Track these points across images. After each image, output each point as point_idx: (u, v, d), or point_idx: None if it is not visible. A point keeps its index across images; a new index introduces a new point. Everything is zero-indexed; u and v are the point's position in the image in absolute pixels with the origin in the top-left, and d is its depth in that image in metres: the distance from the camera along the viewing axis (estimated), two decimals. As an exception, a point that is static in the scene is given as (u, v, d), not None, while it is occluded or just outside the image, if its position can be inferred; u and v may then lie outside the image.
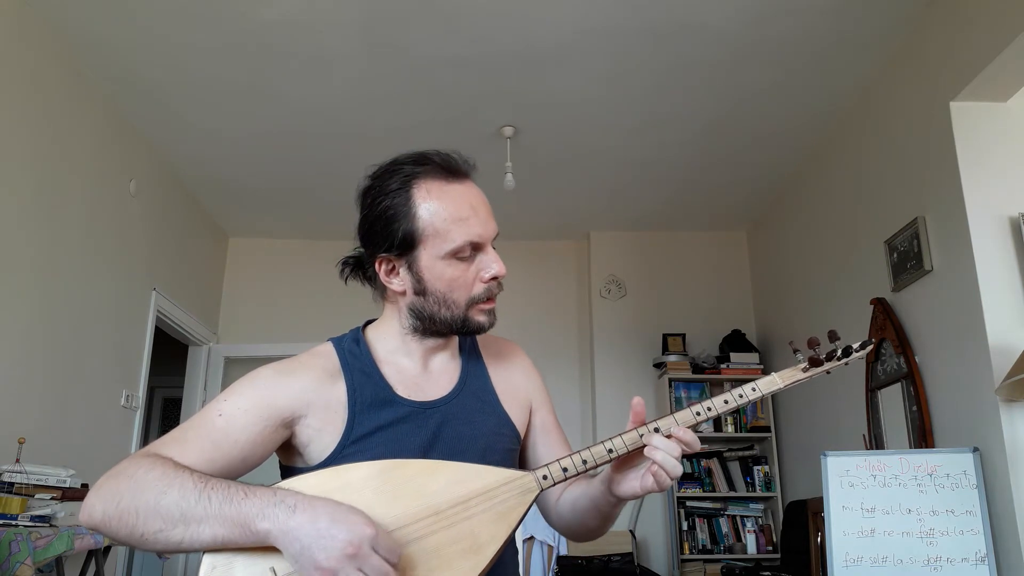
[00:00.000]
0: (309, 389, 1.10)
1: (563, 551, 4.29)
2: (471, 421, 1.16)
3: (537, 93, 3.66)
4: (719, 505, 4.75)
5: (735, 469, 4.83)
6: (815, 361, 1.12)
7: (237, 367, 5.06)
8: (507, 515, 1.02)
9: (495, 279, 1.14)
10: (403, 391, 1.14)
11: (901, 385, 3.22)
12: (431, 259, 1.11)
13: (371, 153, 4.80)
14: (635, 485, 1.05)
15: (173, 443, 1.03)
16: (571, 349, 5.33)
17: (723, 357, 4.89)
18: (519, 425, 1.23)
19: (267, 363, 1.14)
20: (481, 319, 1.14)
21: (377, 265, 1.15)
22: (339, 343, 1.19)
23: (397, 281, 1.15)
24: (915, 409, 3.08)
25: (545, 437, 1.26)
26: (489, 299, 1.14)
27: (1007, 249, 2.75)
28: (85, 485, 2.66)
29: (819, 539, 3.31)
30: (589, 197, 4.86)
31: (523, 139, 4.07)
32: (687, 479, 4.73)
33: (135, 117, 3.84)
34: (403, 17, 3.11)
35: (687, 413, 1.08)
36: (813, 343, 1.13)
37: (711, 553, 4.60)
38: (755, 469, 4.76)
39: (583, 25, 3.17)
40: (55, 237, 3.24)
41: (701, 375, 4.82)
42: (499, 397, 1.22)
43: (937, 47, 2.99)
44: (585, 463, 1.05)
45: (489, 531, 1.01)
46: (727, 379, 4.83)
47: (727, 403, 1.09)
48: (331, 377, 1.13)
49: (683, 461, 1.06)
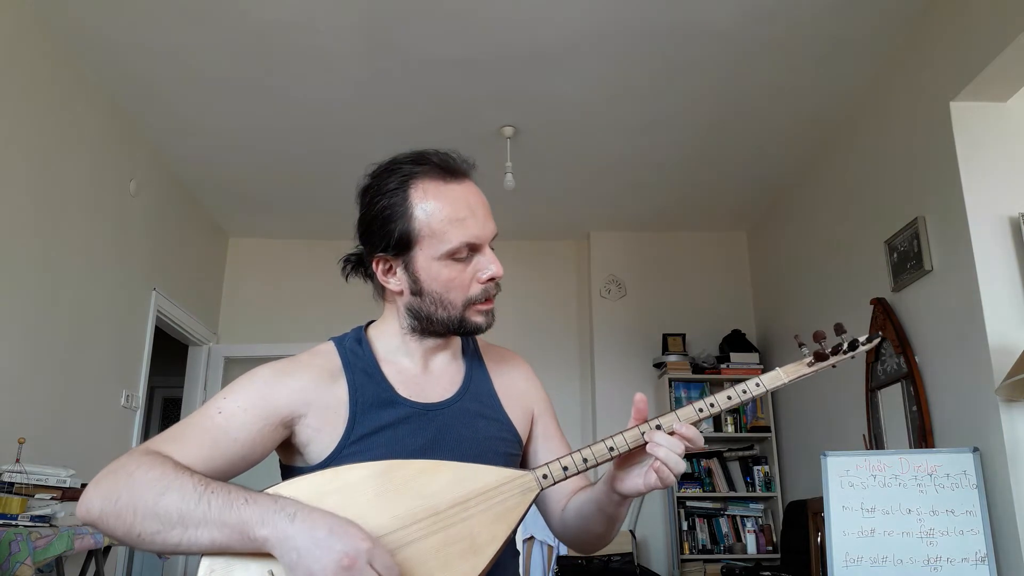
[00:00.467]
0: (309, 388, 1.10)
1: (563, 551, 4.29)
2: (473, 425, 1.15)
3: (537, 93, 3.66)
4: (719, 505, 4.75)
5: (735, 469, 4.83)
6: (820, 356, 1.10)
7: (237, 367, 5.06)
8: (507, 515, 1.02)
9: (492, 280, 1.13)
10: (404, 391, 1.14)
11: (901, 385, 3.22)
12: (427, 260, 1.10)
13: (371, 153, 4.78)
14: (638, 482, 1.05)
15: (172, 440, 1.02)
16: (571, 349, 5.33)
17: (723, 357, 4.89)
18: (521, 430, 1.22)
19: (260, 364, 1.13)
20: (478, 320, 1.14)
21: (375, 264, 1.15)
22: (340, 342, 1.18)
23: (394, 281, 1.14)
24: (915, 409, 3.08)
25: (547, 444, 1.25)
26: (487, 300, 1.14)
27: (1007, 249, 2.75)
28: (85, 485, 2.65)
29: (819, 539, 3.31)
30: (589, 197, 4.86)
31: (523, 139, 4.07)
32: (687, 479, 4.73)
33: (135, 117, 3.84)
34: (403, 17, 3.11)
35: (690, 409, 1.07)
36: (819, 336, 1.11)
37: (711, 553, 4.60)
38: (755, 469, 4.76)
39: (583, 25, 3.17)
40: (55, 237, 3.24)
41: (701, 375, 4.82)
42: (501, 402, 1.22)
43: (937, 47, 2.99)
44: (586, 461, 1.04)
45: (489, 532, 1.00)
46: (727, 379, 4.82)
47: (730, 399, 1.08)
48: (331, 376, 1.12)
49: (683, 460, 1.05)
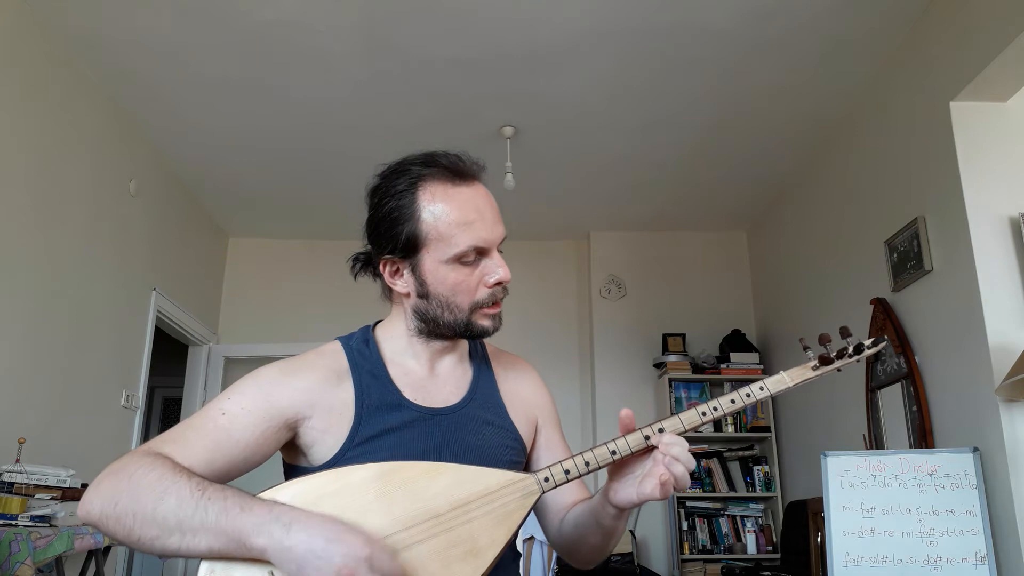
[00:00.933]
0: (314, 390, 1.09)
1: (563, 551, 4.29)
2: (478, 432, 1.14)
3: (537, 93, 3.66)
4: (719, 505, 4.75)
5: (735, 469, 4.83)
6: (825, 359, 1.09)
7: (237, 367, 5.06)
8: (507, 518, 1.01)
9: (500, 284, 1.12)
10: (410, 394, 1.13)
11: (901, 385, 3.22)
12: (434, 263, 1.09)
13: (371, 153, 4.81)
14: (631, 493, 1.03)
15: (174, 441, 1.02)
16: (571, 349, 5.33)
17: (723, 357, 4.89)
18: (526, 438, 1.22)
19: (267, 363, 1.12)
20: (485, 323, 1.13)
21: (382, 266, 1.14)
22: (347, 342, 1.17)
23: (401, 283, 1.13)
24: (915, 409, 3.08)
25: (550, 454, 1.24)
26: (494, 304, 1.13)
27: (1007, 249, 2.75)
28: (85, 485, 2.66)
29: (819, 539, 3.31)
30: (589, 197, 4.86)
31: (523, 139, 4.07)
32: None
33: (135, 117, 3.84)
34: (403, 17, 3.11)
35: (693, 413, 1.06)
36: (824, 340, 1.10)
37: (711, 553, 4.60)
38: (755, 469, 4.76)
39: (583, 25, 3.17)
40: (55, 237, 3.24)
41: (701, 375, 4.82)
42: (507, 409, 1.21)
43: (937, 47, 2.99)
44: (588, 464, 1.03)
45: (489, 535, 0.99)
46: (727, 379, 4.83)
47: (734, 402, 1.07)
48: (337, 377, 1.11)
49: None
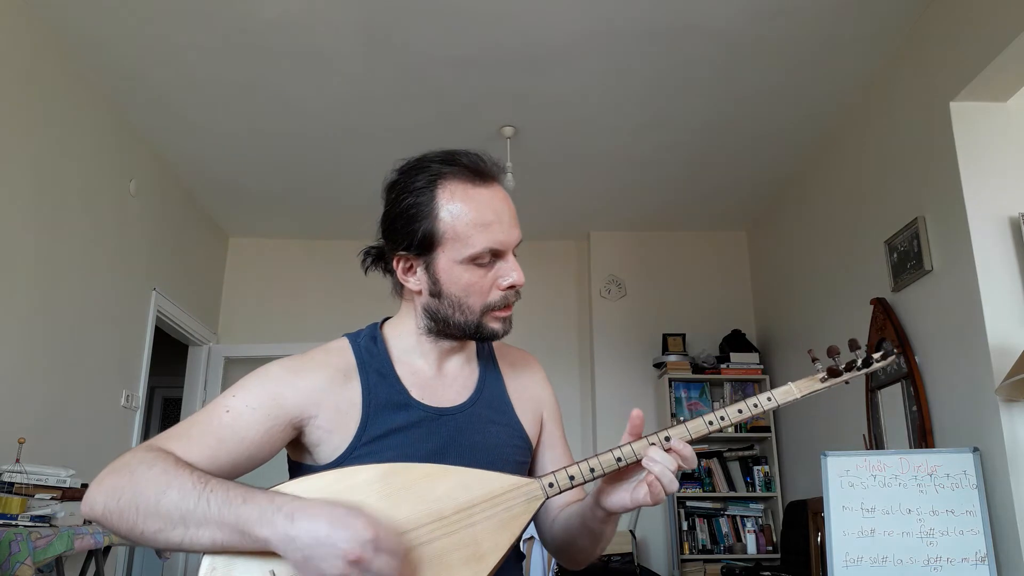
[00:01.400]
0: (320, 389, 1.08)
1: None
2: (484, 431, 1.14)
3: (537, 93, 3.66)
4: (719, 505, 4.75)
5: (735, 469, 4.83)
6: (834, 372, 1.09)
7: (237, 367, 5.06)
8: (511, 523, 1.00)
9: (513, 288, 1.11)
10: (417, 394, 1.13)
11: (901, 385, 3.22)
12: (449, 262, 1.08)
13: (371, 153, 4.79)
14: (625, 498, 1.03)
15: (178, 438, 1.01)
16: (571, 349, 5.33)
17: (723, 357, 4.89)
18: (532, 436, 1.22)
19: (267, 363, 1.11)
20: (495, 326, 1.12)
21: (395, 262, 1.14)
22: (355, 340, 1.16)
23: (414, 280, 1.13)
24: (915, 409, 3.08)
25: (551, 452, 1.24)
26: (505, 307, 1.12)
27: (1007, 249, 2.75)
28: (85, 485, 2.66)
29: (819, 539, 3.31)
30: (589, 197, 4.86)
31: (523, 139, 4.07)
32: (687, 479, 4.73)
33: (135, 117, 3.84)
34: (403, 17, 3.11)
35: (700, 422, 1.05)
36: (833, 352, 1.09)
37: (711, 553, 4.60)
38: (755, 469, 4.76)
39: (583, 25, 3.17)
40: (55, 237, 3.24)
41: (701, 375, 4.83)
42: (514, 407, 1.20)
43: (937, 47, 2.99)
44: (593, 471, 1.03)
45: (492, 539, 0.99)
46: (727, 379, 4.83)
47: (741, 412, 1.06)
48: (344, 376, 1.11)
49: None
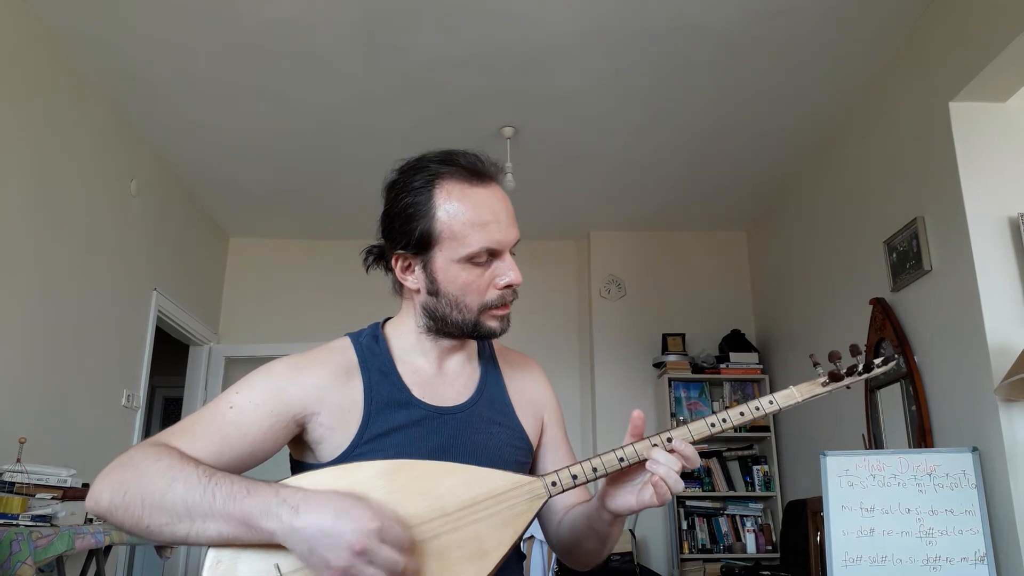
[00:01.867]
0: (323, 386, 1.09)
1: (563, 551, 4.29)
2: (485, 431, 1.15)
3: (537, 93, 3.67)
4: (719, 505, 4.75)
5: (735, 469, 4.83)
6: (835, 376, 1.10)
7: (237, 367, 5.06)
8: (514, 521, 1.01)
9: (510, 287, 1.12)
10: (419, 393, 1.14)
11: (900, 385, 3.23)
12: (446, 261, 1.09)
13: (371, 153, 4.79)
14: (630, 499, 1.04)
15: (183, 434, 1.03)
16: (571, 349, 5.34)
17: (723, 357, 4.89)
18: (532, 438, 1.22)
19: (271, 361, 1.13)
20: (493, 325, 1.13)
21: (394, 261, 1.15)
22: (357, 339, 1.17)
23: (412, 279, 1.14)
24: (914, 409, 3.09)
25: (554, 454, 1.25)
26: (503, 306, 1.13)
27: (1007, 249, 2.75)
28: (86, 485, 2.66)
29: (818, 539, 3.31)
30: (589, 197, 4.86)
31: (523, 139, 4.07)
32: (687, 478, 4.73)
33: (135, 117, 3.84)
34: (403, 17, 3.11)
35: (702, 424, 1.06)
36: (834, 357, 1.11)
37: (711, 553, 4.60)
38: (754, 469, 4.76)
39: (583, 25, 3.17)
40: (55, 237, 3.24)
41: (701, 375, 4.83)
42: (515, 408, 1.21)
43: (937, 47, 3.00)
44: (595, 471, 1.03)
45: (495, 537, 0.99)
46: (727, 379, 4.83)
47: (743, 415, 1.07)
48: (346, 374, 1.12)
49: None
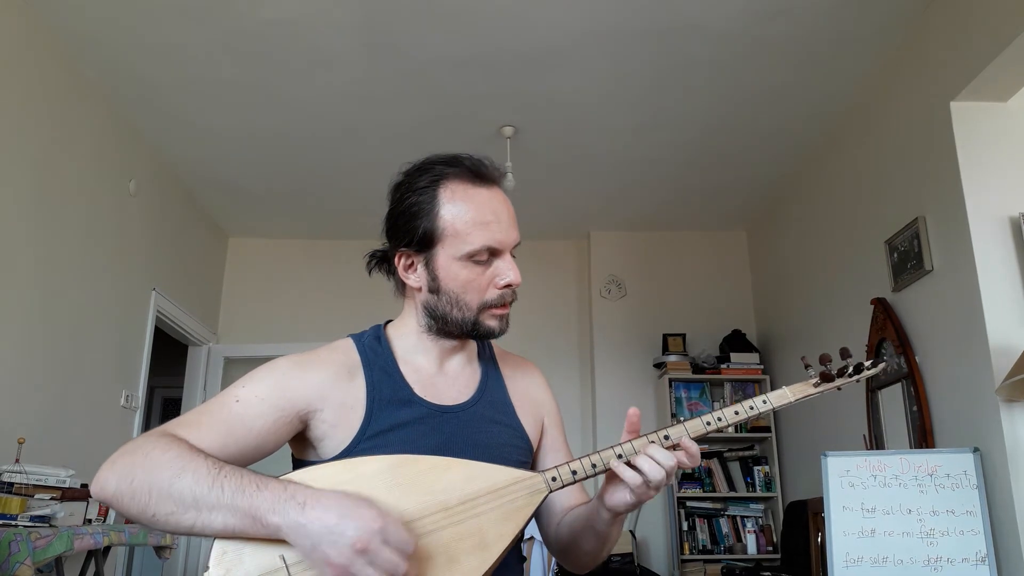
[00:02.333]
0: (326, 383, 1.11)
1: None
2: (487, 430, 1.16)
3: (537, 93, 3.66)
4: (719, 505, 4.75)
5: (735, 469, 4.83)
6: (826, 377, 1.13)
7: (237, 367, 5.06)
8: (515, 514, 1.03)
9: (509, 287, 1.15)
10: (420, 391, 1.15)
11: (901, 385, 3.22)
12: (448, 259, 1.12)
13: (371, 153, 4.79)
14: (626, 495, 1.05)
15: (189, 425, 1.04)
16: (571, 349, 5.33)
17: (723, 357, 4.89)
18: (532, 438, 1.24)
19: (279, 356, 1.15)
20: (492, 324, 1.15)
21: (397, 259, 1.17)
22: (359, 339, 1.20)
23: (414, 277, 1.16)
24: (915, 409, 3.08)
25: (554, 456, 1.26)
26: (502, 305, 1.15)
27: (1007, 249, 2.75)
28: (85, 485, 2.66)
29: (819, 539, 3.31)
30: (589, 197, 4.86)
31: (523, 139, 4.07)
32: (687, 479, 4.73)
33: (135, 117, 3.84)
34: (403, 17, 3.11)
35: (697, 422, 1.08)
36: (825, 359, 1.14)
37: (711, 553, 4.60)
38: (755, 469, 4.76)
39: (583, 25, 3.16)
40: (55, 237, 3.24)
41: (701, 375, 4.82)
42: (515, 409, 1.23)
43: (937, 47, 2.99)
44: (595, 467, 1.05)
45: (497, 530, 1.01)
46: (727, 379, 4.82)
47: (737, 414, 1.10)
48: (349, 373, 1.14)
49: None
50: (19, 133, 2.97)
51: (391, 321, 1.25)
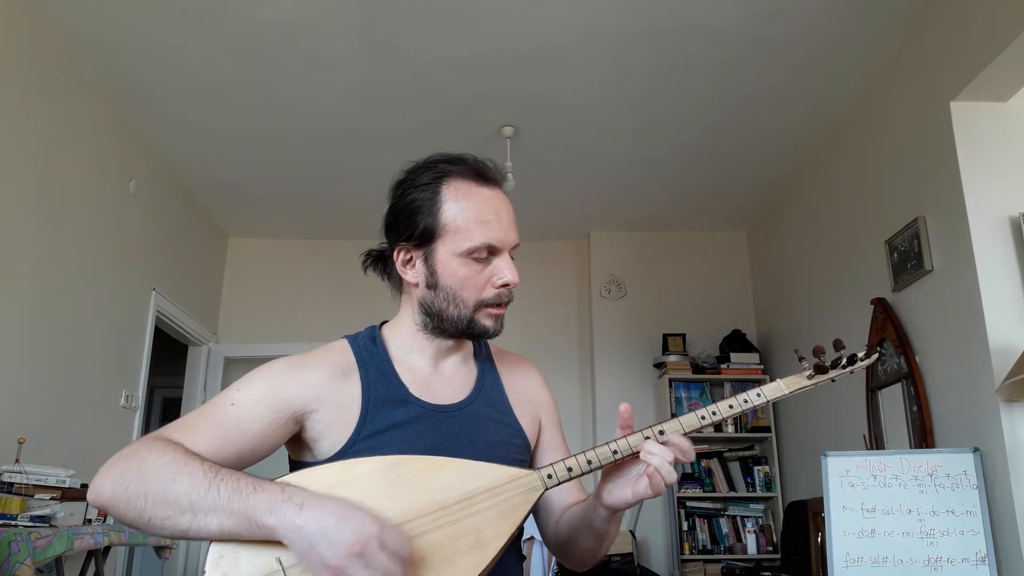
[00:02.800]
0: (322, 384, 1.11)
1: (563, 551, 4.29)
2: (483, 428, 1.16)
3: (537, 93, 3.66)
4: (719, 505, 4.75)
5: (735, 469, 4.82)
6: (820, 368, 1.12)
7: (237, 367, 5.06)
8: (512, 512, 1.03)
9: (507, 286, 1.15)
10: (416, 391, 1.15)
11: (901, 385, 3.22)
12: (447, 255, 1.12)
13: (371, 153, 4.79)
14: (626, 492, 1.05)
15: (184, 429, 1.04)
16: (571, 349, 5.33)
17: (723, 357, 4.89)
18: (530, 436, 1.24)
19: (274, 359, 1.15)
20: (487, 323, 1.15)
21: (395, 254, 1.17)
22: (354, 340, 1.20)
23: (412, 272, 1.16)
24: (915, 409, 3.08)
25: (552, 454, 1.26)
26: (498, 305, 1.15)
27: (1007, 249, 2.75)
28: (84, 485, 2.66)
29: (819, 539, 3.31)
30: (589, 197, 4.86)
31: (523, 139, 4.07)
32: (687, 479, 4.73)
33: (135, 117, 3.84)
34: (403, 17, 3.11)
35: (692, 417, 1.08)
36: (818, 351, 1.13)
37: (711, 553, 4.59)
38: (755, 469, 4.76)
39: (583, 25, 3.16)
40: (55, 237, 3.24)
41: (701, 375, 4.82)
42: (512, 407, 1.23)
43: (937, 47, 2.99)
44: (590, 463, 1.05)
45: (493, 528, 1.01)
46: (727, 379, 4.82)
47: (732, 408, 1.10)
48: (344, 374, 1.14)
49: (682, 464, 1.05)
50: (19, 133, 2.97)
51: (386, 322, 1.25)
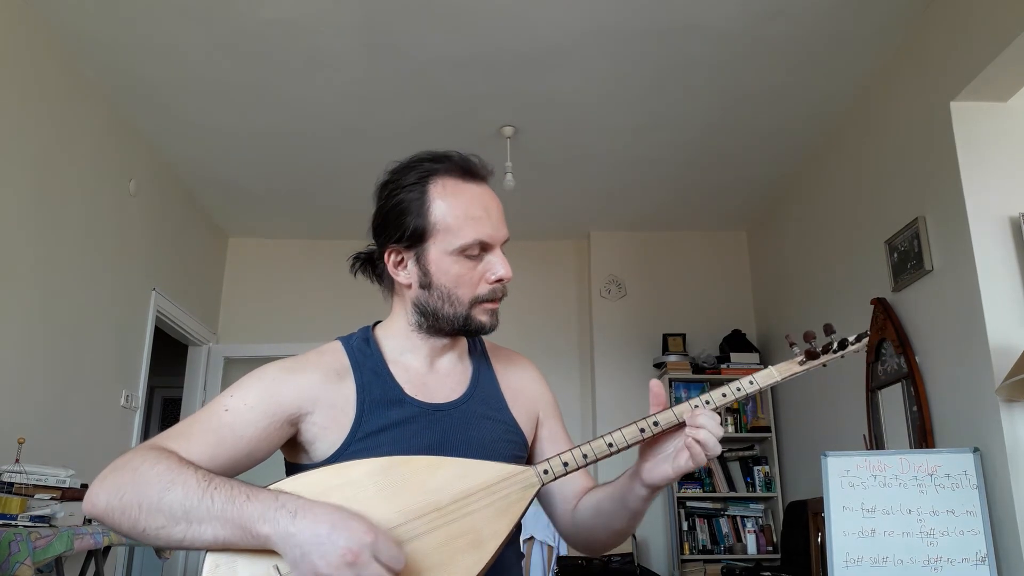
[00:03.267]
0: (316, 386, 1.11)
1: (563, 551, 4.29)
2: (479, 427, 1.16)
3: (537, 93, 3.66)
4: (719, 505, 4.75)
5: (735, 469, 4.82)
6: (811, 354, 1.13)
7: (237, 367, 5.06)
8: (508, 510, 1.02)
9: (500, 281, 1.15)
10: (411, 391, 1.15)
11: (901, 385, 3.22)
12: (439, 253, 1.12)
13: (371, 153, 4.79)
14: (667, 469, 1.05)
15: (178, 437, 1.04)
16: (571, 349, 5.33)
17: (723, 357, 4.89)
18: (527, 432, 1.23)
19: (267, 363, 1.14)
20: (483, 319, 1.15)
21: (386, 256, 1.16)
22: (347, 342, 1.19)
23: (404, 274, 1.15)
24: (915, 409, 3.08)
25: (554, 446, 1.25)
26: (493, 300, 1.15)
27: (1007, 249, 2.75)
28: (85, 485, 2.65)
29: (819, 539, 3.31)
30: (589, 197, 4.85)
31: (523, 139, 4.07)
32: (687, 479, 4.73)
33: (135, 117, 3.84)
34: (403, 17, 3.10)
35: (685, 406, 1.08)
36: (809, 336, 1.14)
37: (711, 553, 4.59)
38: (755, 469, 4.76)
39: (583, 25, 3.16)
40: (55, 237, 3.24)
41: (701, 375, 4.82)
42: (508, 404, 1.22)
43: (937, 47, 2.99)
44: (586, 457, 1.05)
45: (491, 527, 1.00)
46: (727, 379, 4.78)
47: (725, 396, 1.10)
48: (338, 375, 1.13)
49: None
50: (19, 133, 2.97)
51: (379, 323, 1.24)
